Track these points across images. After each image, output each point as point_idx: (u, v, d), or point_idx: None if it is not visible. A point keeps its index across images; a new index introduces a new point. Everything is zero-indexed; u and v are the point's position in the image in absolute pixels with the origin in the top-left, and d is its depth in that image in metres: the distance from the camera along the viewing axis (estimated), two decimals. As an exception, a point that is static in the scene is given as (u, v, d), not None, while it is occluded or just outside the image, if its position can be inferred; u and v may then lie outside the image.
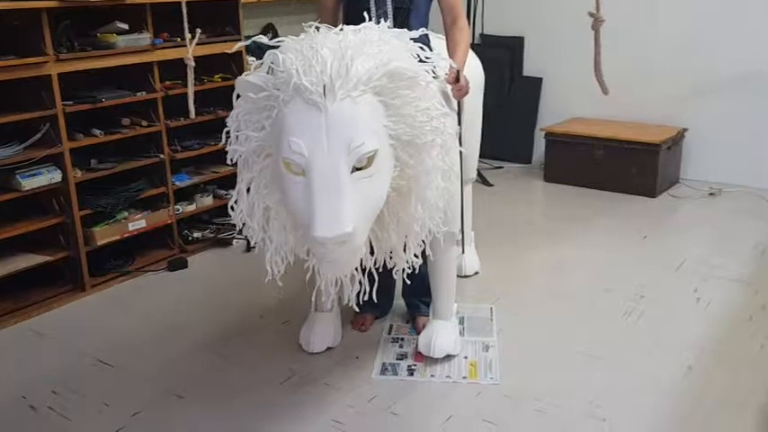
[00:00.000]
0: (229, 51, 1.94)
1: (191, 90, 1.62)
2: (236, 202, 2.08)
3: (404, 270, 2.13)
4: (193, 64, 1.56)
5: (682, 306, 2.84)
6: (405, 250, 2.10)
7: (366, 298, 2.10)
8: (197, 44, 3.05)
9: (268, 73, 1.94)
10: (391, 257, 2.13)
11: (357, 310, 2.18)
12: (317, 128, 1.77)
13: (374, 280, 2.10)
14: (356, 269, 2.02)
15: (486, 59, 3.07)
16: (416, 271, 2.17)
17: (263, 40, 2.04)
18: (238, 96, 1.99)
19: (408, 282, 2.22)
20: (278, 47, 1.95)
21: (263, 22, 4.26)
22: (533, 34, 4.82)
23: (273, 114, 1.88)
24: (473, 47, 4.14)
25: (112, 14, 3.08)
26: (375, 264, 2.10)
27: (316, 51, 1.83)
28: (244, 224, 2.08)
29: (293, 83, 1.79)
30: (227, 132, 2.02)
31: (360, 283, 2.06)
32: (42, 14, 2.72)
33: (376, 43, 1.95)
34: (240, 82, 1.93)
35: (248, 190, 2.04)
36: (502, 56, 4.85)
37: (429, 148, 1.96)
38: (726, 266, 3.18)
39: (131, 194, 3.15)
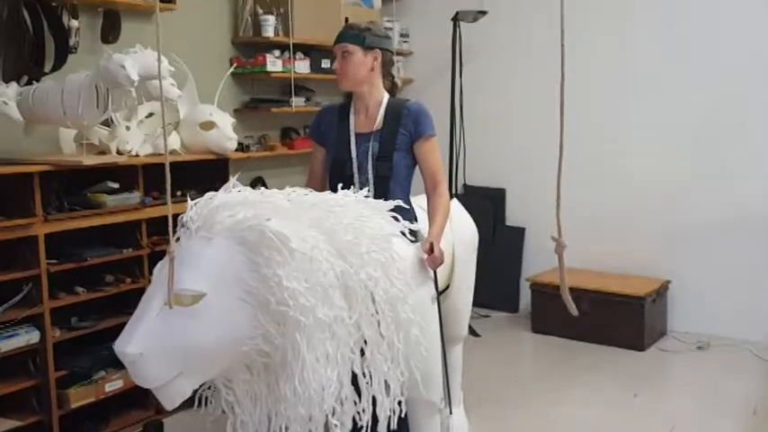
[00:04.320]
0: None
1: (170, 281, 1.62)
2: None
3: None
4: (174, 256, 1.58)
5: (678, 474, 2.74)
6: None
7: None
8: (185, 200, 3.13)
9: None
10: None
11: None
12: (168, 260, 1.82)
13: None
14: None
15: (469, 209, 3.14)
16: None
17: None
18: None
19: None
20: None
21: (252, 175, 4.37)
22: (514, 185, 4.97)
23: None
24: (457, 197, 4.26)
25: (104, 174, 3.14)
26: None
27: (213, 197, 1.92)
28: None
29: (181, 218, 1.91)
30: None
31: None
32: (34, 177, 2.78)
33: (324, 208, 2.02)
34: None
35: None
36: (485, 206, 4.96)
37: (303, 329, 1.82)
38: (718, 427, 3.11)
39: (110, 353, 3.07)
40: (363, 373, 1.98)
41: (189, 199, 1.96)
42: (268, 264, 1.81)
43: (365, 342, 2.00)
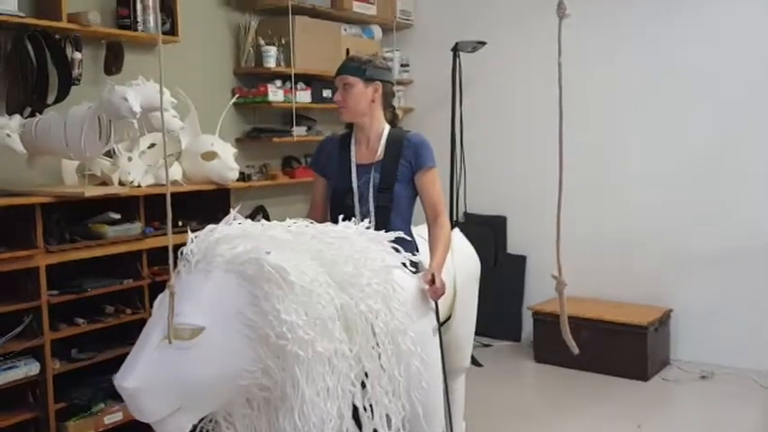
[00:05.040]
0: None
1: (171, 318, 1.62)
2: None
3: None
4: (176, 291, 1.58)
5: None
6: None
7: None
8: (186, 231, 3.15)
9: None
10: None
11: None
12: (168, 293, 1.82)
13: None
14: None
15: (470, 237, 3.14)
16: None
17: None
18: None
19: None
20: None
21: (254, 204, 4.37)
22: (515, 213, 4.97)
23: None
24: (458, 225, 4.24)
25: (106, 204, 3.14)
26: None
27: (213, 230, 1.92)
28: None
29: (181, 251, 1.90)
30: None
31: None
32: (36, 209, 2.78)
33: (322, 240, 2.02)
34: None
35: None
36: (486, 233, 4.95)
37: (302, 363, 1.82)
38: (725, 461, 3.07)
39: (110, 385, 3.04)
40: (365, 407, 1.97)
41: (189, 231, 1.96)
42: (267, 297, 1.81)
43: (366, 375, 1.99)
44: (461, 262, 2.82)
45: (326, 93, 4.48)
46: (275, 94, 4.19)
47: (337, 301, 1.93)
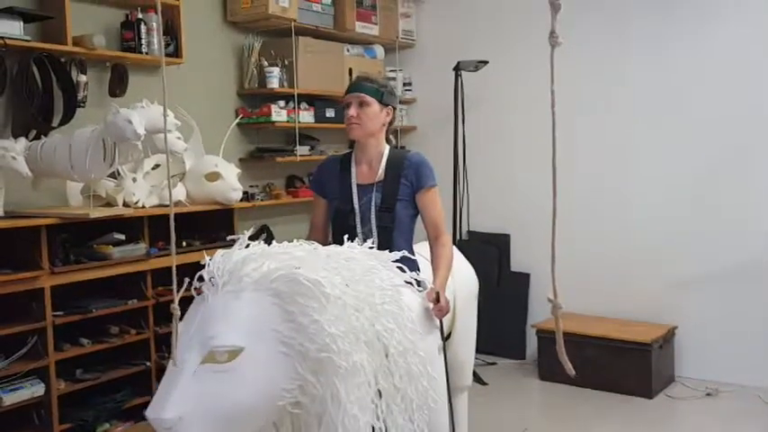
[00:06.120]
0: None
1: (175, 338, 1.62)
2: None
3: None
4: (179, 313, 1.59)
5: None
6: None
7: None
8: (192, 251, 3.18)
9: None
10: None
11: None
12: (194, 317, 1.80)
13: None
14: None
15: (473, 255, 3.14)
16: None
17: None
18: None
19: None
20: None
21: (258, 223, 4.39)
22: (518, 231, 4.97)
23: None
24: (461, 243, 4.25)
25: (111, 225, 3.17)
26: None
27: (232, 252, 1.91)
28: None
29: (200, 274, 1.87)
30: None
31: None
32: (41, 230, 2.81)
33: (332, 260, 2.00)
34: None
35: None
36: (489, 251, 4.96)
37: (343, 374, 1.82)
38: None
39: (115, 405, 3.07)
40: (380, 427, 1.96)
41: (205, 254, 1.95)
42: (304, 312, 1.80)
43: (380, 394, 1.99)
44: (460, 280, 2.83)
45: (329, 112, 4.51)
46: (278, 114, 4.23)
47: (362, 317, 1.93)
